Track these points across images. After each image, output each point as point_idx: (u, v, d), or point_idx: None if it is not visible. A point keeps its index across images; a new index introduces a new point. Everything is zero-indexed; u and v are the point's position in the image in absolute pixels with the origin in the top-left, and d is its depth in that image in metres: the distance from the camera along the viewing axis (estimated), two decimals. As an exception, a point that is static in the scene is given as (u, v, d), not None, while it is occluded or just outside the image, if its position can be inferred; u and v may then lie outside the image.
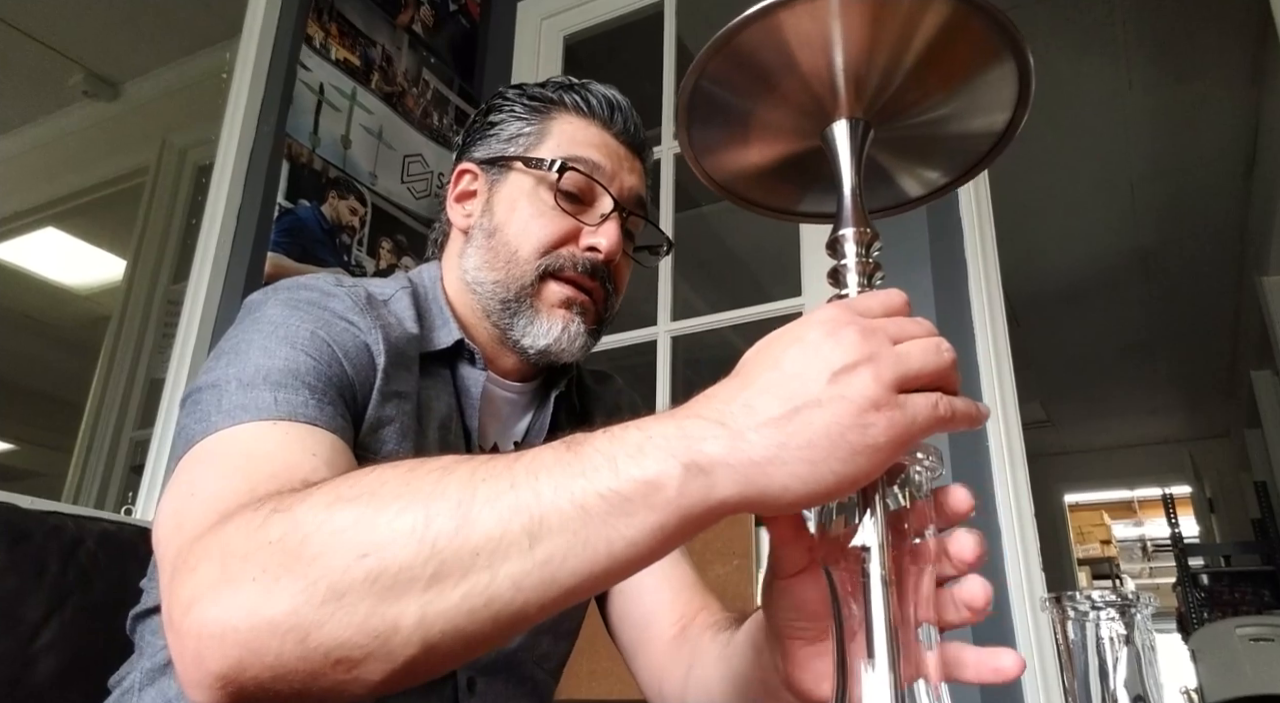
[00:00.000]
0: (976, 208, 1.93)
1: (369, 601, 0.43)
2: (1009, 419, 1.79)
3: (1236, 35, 3.15)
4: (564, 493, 0.43)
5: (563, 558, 0.43)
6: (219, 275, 1.79)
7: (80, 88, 2.81)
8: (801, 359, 0.43)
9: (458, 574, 0.43)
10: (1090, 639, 0.64)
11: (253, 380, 0.64)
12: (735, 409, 0.43)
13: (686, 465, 0.42)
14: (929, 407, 0.43)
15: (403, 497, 0.45)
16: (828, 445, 0.41)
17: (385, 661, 0.44)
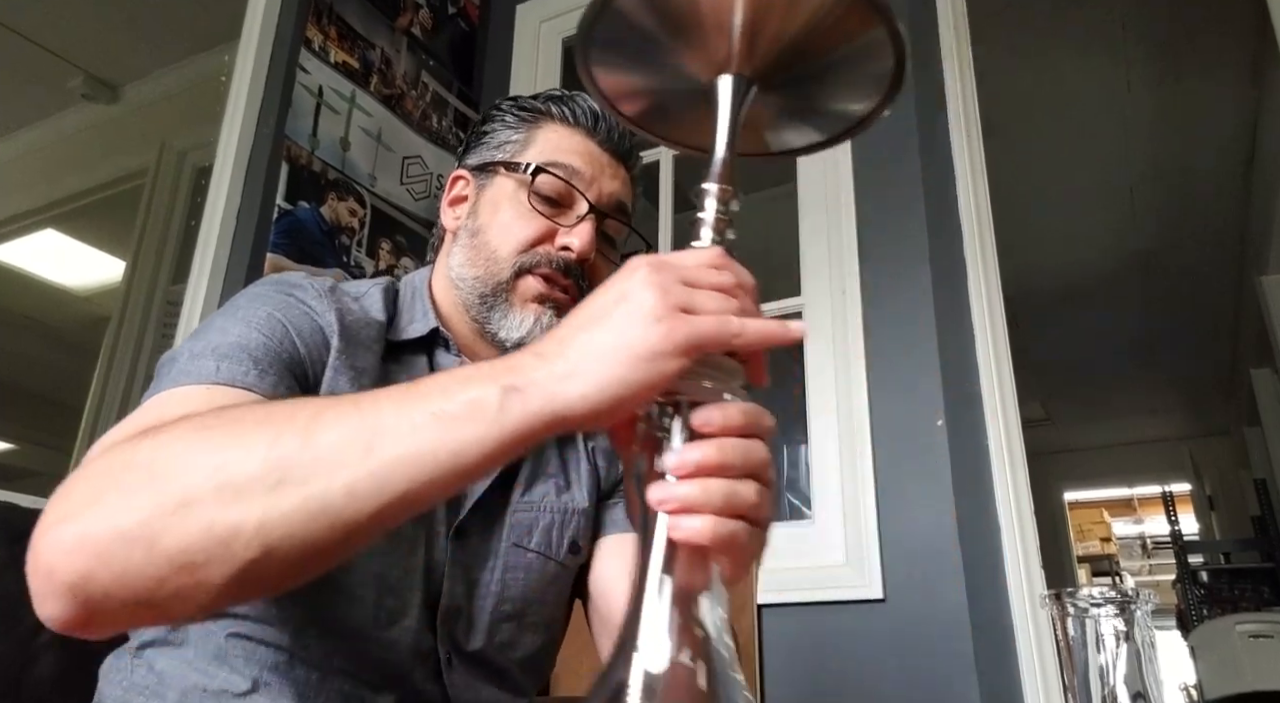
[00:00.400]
0: (976, 207, 1.94)
1: (214, 508, 0.48)
2: (1009, 417, 1.79)
3: (1236, 35, 3.15)
4: (401, 414, 0.49)
5: (393, 467, 0.48)
6: (218, 277, 1.79)
7: (79, 90, 2.80)
8: (603, 293, 0.50)
9: (297, 483, 0.48)
10: (1090, 636, 0.64)
11: (202, 352, 0.70)
12: (548, 342, 0.50)
13: (504, 387, 0.48)
14: (714, 319, 0.48)
15: (260, 423, 0.51)
16: (614, 354, 0.47)
17: (227, 563, 0.48)
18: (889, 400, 1.79)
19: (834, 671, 1.68)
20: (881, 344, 1.83)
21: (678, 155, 2.37)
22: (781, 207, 2.20)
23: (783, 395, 2.53)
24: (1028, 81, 3.39)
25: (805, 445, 1.89)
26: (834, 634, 1.70)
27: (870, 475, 1.75)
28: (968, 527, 1.67)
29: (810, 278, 1.98)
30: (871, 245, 1.91)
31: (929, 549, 1.66)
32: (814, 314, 1.95)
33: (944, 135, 1.99)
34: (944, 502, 1.67)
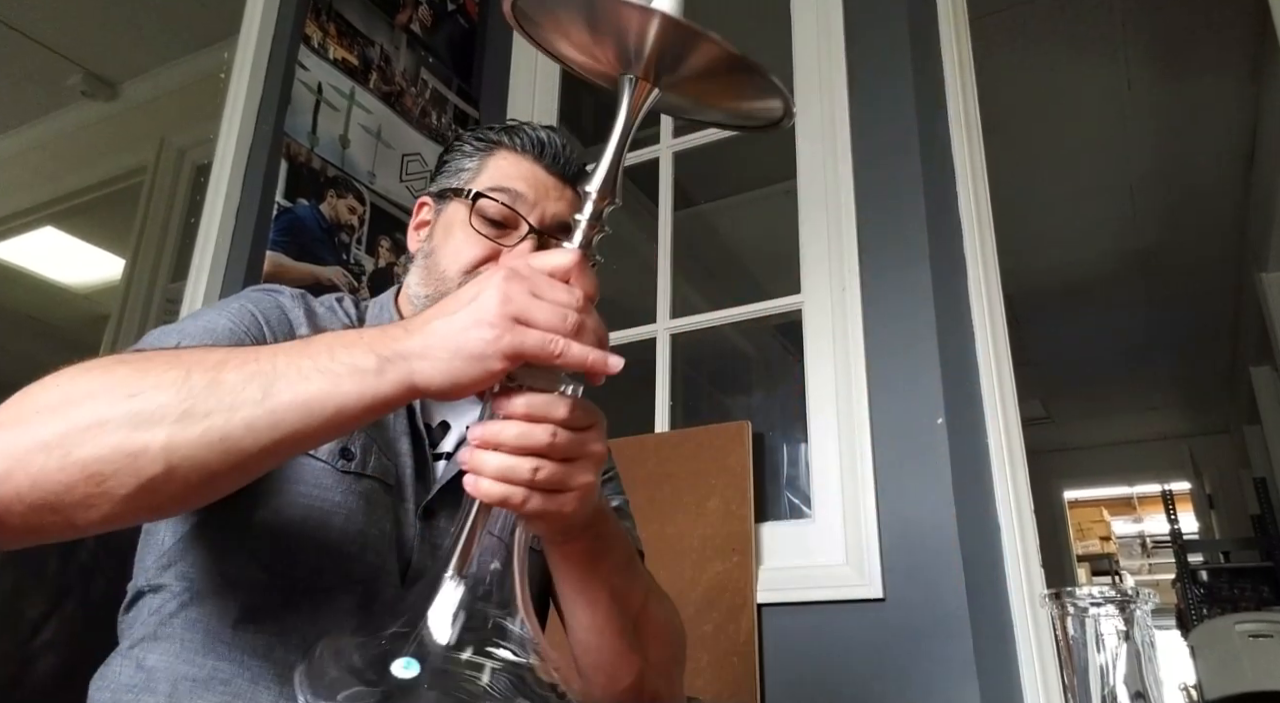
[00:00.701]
0: (976, 206, 1.93)
1: (126, 428, 0.56)
2: (1009, 416, 1.79)
3: (1236, 34, 3.15)
4: (293, 365, 0.59)
5: (287, 409, 0.57)
6: (218, 274, 1.79)
7: (79, 88, 2.80)
8: (467, 289, 0.60)
9: (201, 415, 0.57)
10: (1090, 636, 0.64)
11: (171, 332, 0.79)
12: (417, 321, 0.60)
13: (380, 355, 0.59)
14: (540, 337, 0.58)
15: (173, 362, 0.60)
16: (452, 348, 0.58)
17: (132, 477, 0.56)
18: (889, 400, 1.79)
19: (833, 670, 1.68)
20: (881, 343, 1.83)
21: (677, 153, 2.36)
22: (781, 204, 2.20)
23: (783, 394, 2.53)
24: (1028, 81, 3.39)
25: (805, 445, 1.89)
26: (834, 634, 1.70)
27: (870, 475, 1.75)
28: (967, 526, 1.67)
29: (810, 276, 1.98)
30: (871, 244, 1.91)
31: (929, 548, 1.66)
32: (814, 313, 1.94)
33: (944, 134, 1.99)
34: (944, 501, 1.67)
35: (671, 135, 2.37)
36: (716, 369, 3.07)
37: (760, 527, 1.85)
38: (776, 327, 2.49)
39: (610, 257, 2.97)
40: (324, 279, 1.96)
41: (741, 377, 3.07)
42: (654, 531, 1.90)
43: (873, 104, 2.01)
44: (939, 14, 2.08)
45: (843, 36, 2.09)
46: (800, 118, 2.12)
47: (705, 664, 1.74)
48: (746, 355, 3.00)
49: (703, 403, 3.09)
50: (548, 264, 0.61)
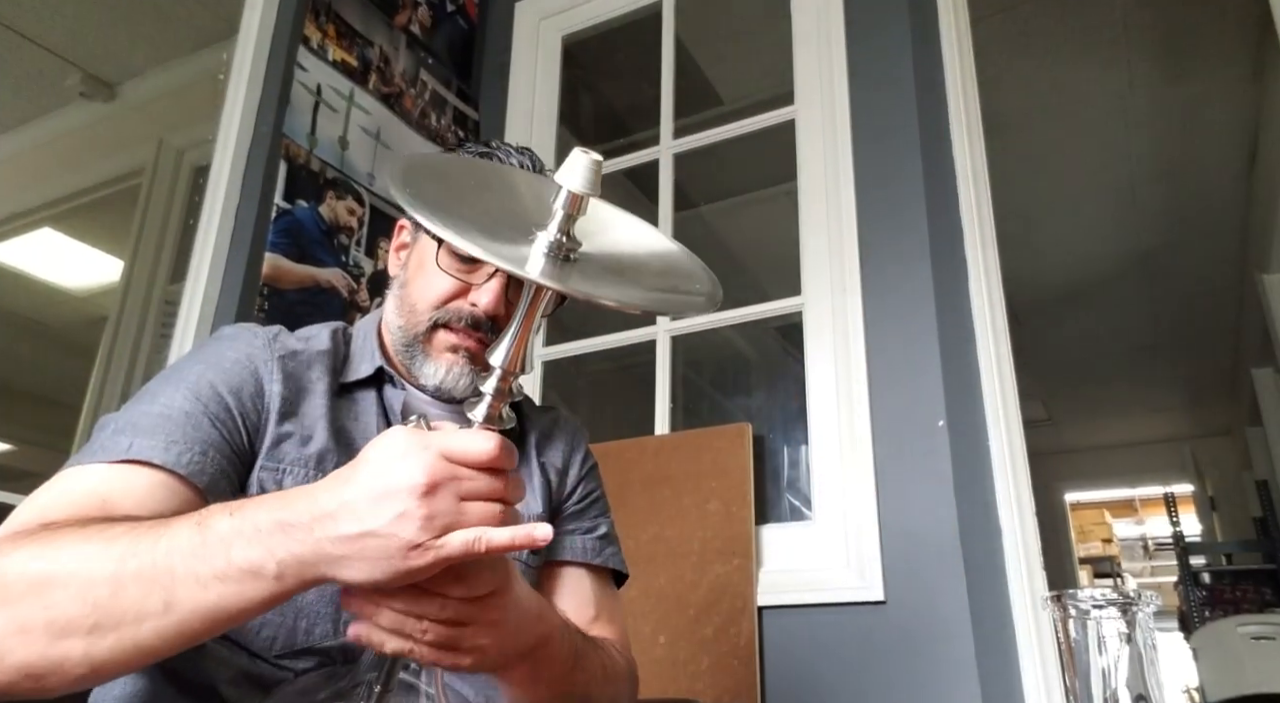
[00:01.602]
0: (977, 207, 1.93)
1: (45, 639, 0.59)
2: (1010, 418, 1.79)
3: (1237, 34, 3.15)
4: (190, 572, 0.60)
5: (189, 617, 0.60)
6: (216, 276, 1.78)
7: (77, 88, 2.80)
8: (386, 493, 0.59)
9: (110, 627, 0.59)
10: (1092, 638, 0.63)
11: (124, 427, 0.77)
12: (326, 521, 0.59)
13: (280, 560, 0.59)
14: (463, 544, 0.59)
15: (78, 562, 0.61)
16: (380, 562, 0.59)
17: (62, 678, 0.59)
18: (890, 401, 1.78)
19: (834, 673, 1.67)
20: (882, 345, 1.82)
21: (678, 155, 2.36)
22: (782, 205, 2.20)
23: (783, 395, 2.52)
24: (1029, 81, 3.38)
25: (806, 447, 1.88)
26: (834, 637, 1.69)
27: (871, 477, 1.74)
28: (969, 528, 1.66)
29: (811, 278, 1.97)
30: (872, 246, 1.90)
31: (930, 551, 1.65)
32: (814, 313, 1.94)
33: (945, 135, 1.98)
34: (945, 503, 1.66)
35: (671, 136, 2.36)
36: (717, 371, 3.06)
37: (761, 529, 1.84)
38: (777, 328, 2.49)
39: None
40: (323, 281, 1.96)
41: (742, 379, 3.06)
42: (654, 533, 1.90)
43: (873, 105, 2.00)
44: (940, 14, 2.08)
45: (843, 37, 2.09)
46: (801, 119, 2.12)
47: (706, 667, 1.73)
48: (747, 357, 3.00)
49: (703, 405, 3.09)
50: (471, 456, 0.61)
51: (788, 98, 2.16)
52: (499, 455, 0.61)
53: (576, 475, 1.05)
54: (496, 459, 0.61)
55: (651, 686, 1.76)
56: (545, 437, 1.05)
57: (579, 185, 0.59)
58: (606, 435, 2.14)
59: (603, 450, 2.06)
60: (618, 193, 2.95)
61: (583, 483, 1.06)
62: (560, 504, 1.03)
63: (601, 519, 1.05)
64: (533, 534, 0.62)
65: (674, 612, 1.80)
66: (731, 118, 2.28)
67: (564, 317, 2.65)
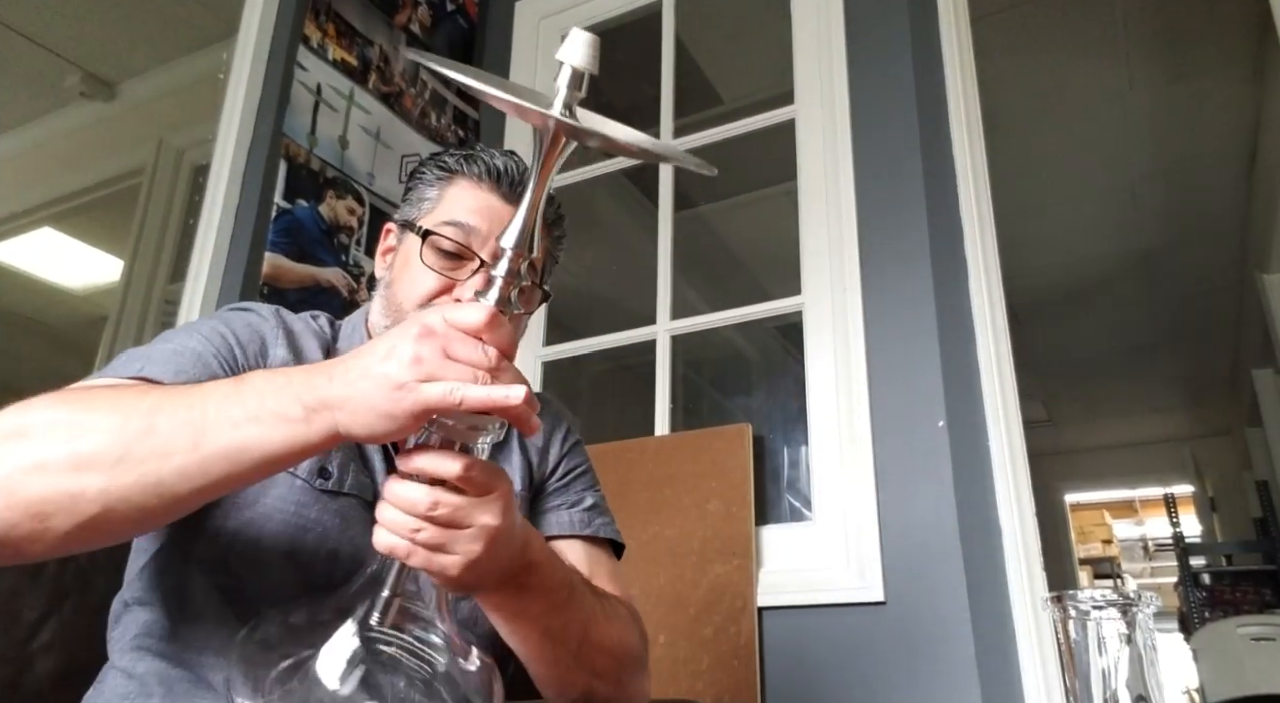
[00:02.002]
0: (977, 207, 1.93)
1: (65, 472, 0.60)
2: (1010, 418, 1.79)
3: (1237, 34, 3.15)
4: (223, 413, 0.62)
5: (217, 456, 0.61)
6: (216, 276, 1.78)
7: (77, 88, 2.80)
8: (385, 342, 0.63)
9: (136, 461, 0.60)
10: (1092, 639, 0.63)
11: (140, 356, 0.80)
12: (340, 367, 0.63)
13: (305, 404, 0.63)
14: (441, 393, 0.61)
15: (111, 404, 0.63)
16: (369, 404, 0.61)
17: (72, 516, 0.60)
18: (890, 401, 1.78)
19: (834, 674, 1.67)
20: (882, 344, 1.82)
21: (678, 154, 2.36)
22: (782, 206, 2.20)
23: (783, 395, 2.52)
24: (1029, 81, 3.38)
25: (806, 447, 1.88)
26: (834, 637, 1.69)
27: (871, 477, 1.74)
28: (969, 528, 1.66)
29: (811, 278, 1.97)
30: (872, 245, 1.90)
31: (930, 551, 1.65)
32: (814, 314, 1.94)
33: (945, 134, 1.98)
34: (945, 503, 1.66)
35: (671, 136, 2.36)
36: (717, 371, 3.06)
37: (761, 529, 1.84)
38: (777, 328, 2.49)
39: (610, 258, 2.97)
40: (323, 281, 1.96)
41: (742, 379, 3.06)
42: (654, 533, 1.90)
43: (873, 104, 2.00)
44: (939, 14, 2.08)
45: (843, 37, 2.09)
46: (801, 119, 2.12)
47: (706, 667, 1.73)
48: (747, 357, 3.00)
49: (703, 405, 3.09)
50: (460, 322, 0.63)
51: (788, 98, 2.16)
52: (486, 323, 0.63)
53: (558, 453, 1.05)
54: (482, 327, 0.63)
55: (651, 686, 1.76)
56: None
57: (580, 61, 0.62)
58: (606, 435, 2.14)
59: (603, 450, 2.06)
60: (618, 192, 2.95)
61: (565, 459, 1.06)
62: (543, 483, 1.03)
63: (588, 492, 1.05)
64: (508, 395, 0.63)
65: (674, 612, 1.80)
66: (731, 117, 2.28)
67: (564, 317, 2.65)
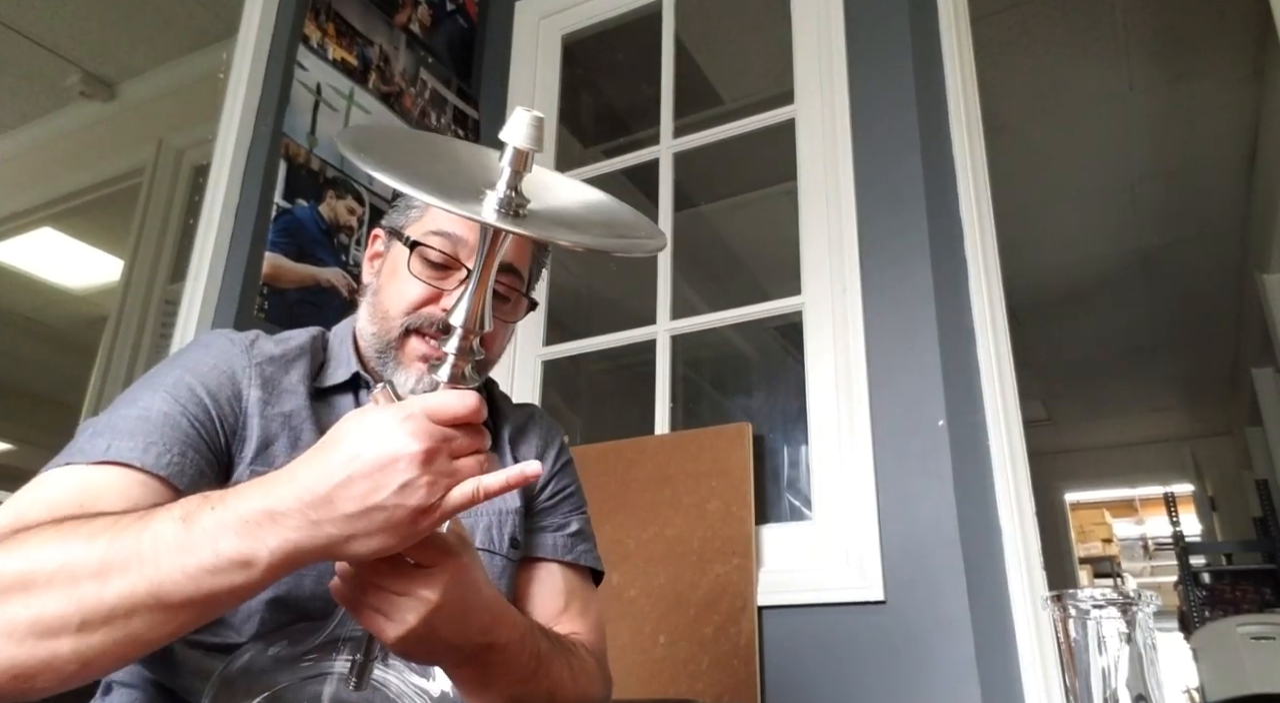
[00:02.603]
0: (977, 207, 1.93)
1: (33, 638, 0.58)
2: (1010, 418, 1.79)
3: (1237, 34, 3.15)
4: (177, 567, 0.59)
5: (179, 609, 0.59)
6: (216, 276, 1.78)
7: (77, 88, 2.80)
8: (385, 466, 0.60)
9: (98, 623, 0.58)
10: (1092, 638, 0.63)
11: (103, 429, 0.77)
12: (321, 506, 0.60)
13: (272, 549, 0.59)
14: (465, 497, 0.62)
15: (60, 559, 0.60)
16: (389, 531, 0.60)
17: (52, 675, 0.59)
18: (890, 401, 1.78)
19: (834, 673, 1.67)
20: (882, 344, 1.82)
21: (677, 154, 2.36)
22: (782, 206, 2.20)
23: (783, 395, 2.52)
24: (1029, 81, 3.38)
25: (806, 447, 1.88)
26: (834, 637, 1.69)
27: (871, 477, 1.74)
28: (969, 528, 1.66)
29: (811, 277, 1.97)
30: (872, 245, 1.90)
31: (930, 551, 1.65)
32: (814, 314, 1.94)
33: (945, 134, 1.98)
34: (945, 503, 1.66)
35: (671, 136, 2.36)
36: (717, 371, 3.06)
37: (761, 529, 1.84)
38: (777, 328, 2.49)
39: (610, 258, 2.97)
40: (323, 280, 1.95)
41: (742, 378, 3.06)
42: (654, 533, 1.90)
43: (873, 104, 2.00)
44: (940, 14, 2.08)
45: (843, 37, 2.09)
46: (801, 119, 2.12)
47: (705, 667, 1.73)
48: (747, 357, 3.00)
49: (703, 405, 3.09)
50: (454, 413, 0.62)
51: (787, 97, 2.16)
52: (476, 410, 0.63)
53: (548, 472, 1.06)
54: (475, 414, 0.63)
55: (651, 685, 1.76)
56: (519, 432, 1.07)
57: (523, 141, 0.62)
58: (606, 435, 2.13)
59: (603, 450, 2.06)
60: (618, 192, 2.94)
61: (554, 479, 1.06)
62: (531, 501, 1.04)
63: (574, 516, 1.06)
64: (524, 472, 0.64)
65: (674, 611, 1.80)
66: (731, 117, 2.28)
67: (564, 317, 2.65)
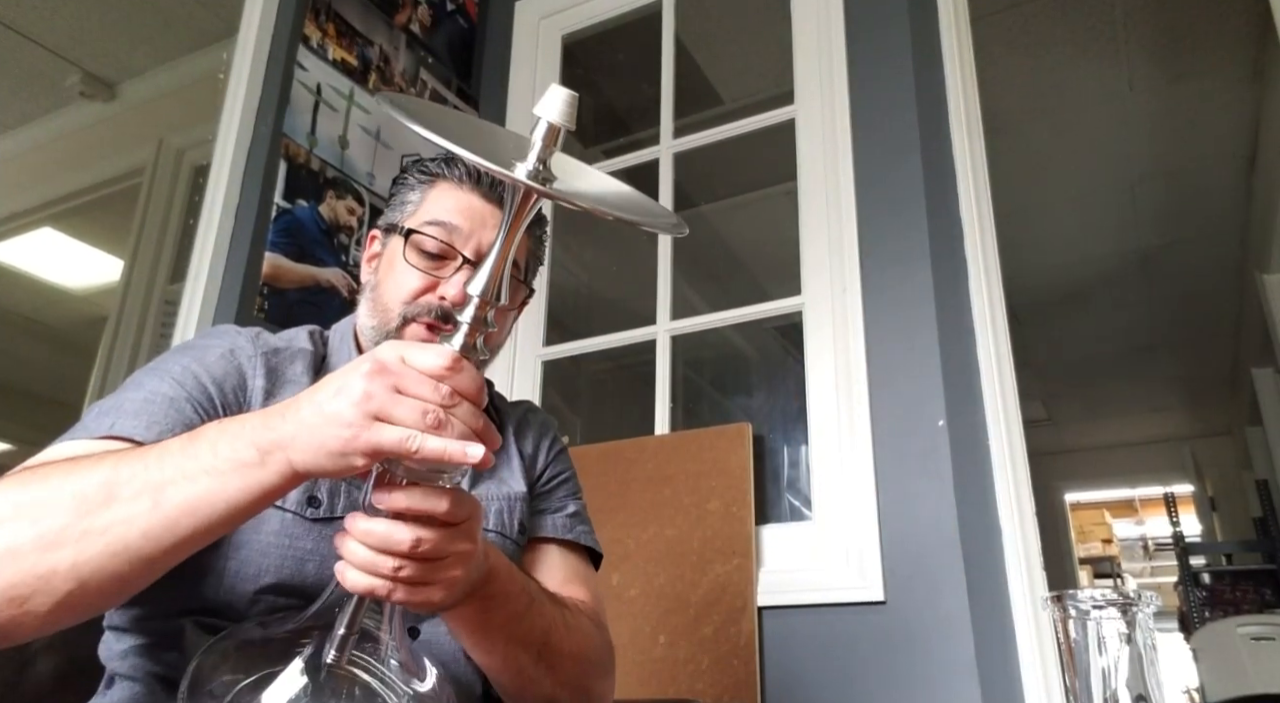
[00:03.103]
0: (977, 207, 1.93)
1: (34, 554, 0.60)
2: (1010, 418, 1.79)
3: (1237, 34, 3.15)
4: (179, 469, 0.62)
5: (179, 514, 0.61)
6: (216, 276, 1.78)
7: (77, 88, 2.80)
8: (338, 377, 0.62)
9: (100, 530, 0.60)
10: (1092, 639, 0.63)
11: (109, 409, 0.79)
12: (292, 406, 0.63)
13: (260, 447, 0.62)
14: (396, 440, 0.60)
15: (67, 479, 0.62)
16: (318, 442, 0.61)
17: (48, 595, 0.60)
18: (890, 401, 1.78)
19: (834, 674, 1.67)
20: (882, 344, 1.82)
21: (678, 154, 2.36)
22: (782, 206, 2.20)
23: (783, 395, 2.52)
24: (1029, 81, 3.38)
25: (806, 447, 1.88)
26: (834, 637, 1.69)
27: (871, 477, 1.74)
28: (969, 528, 1.66)
29: (811, 278, 1.97)
30: (872, 245, 1.90)
31: (930, 551, 1.65)
32: (814, 314, 1.94)
33: (945, 134, 1.98)
34: (945, 503, 1.66)
35: (671, 136, 2.36)
36: (717, 371, 3.06)
37: (761, 529, 1.84)
38: (777, 328, 2.49)
39: (610, 258, 2.97)
40: (323, 280, 1.96)
41: (742, 378, 3.06)
42: (654, 533, 1.90)
43: (873, 104, 2.00)
44: (939, 14, 2.08)
45: (843, 37, 2.09)
46: (801, 119, 2.12)
47: (706, 667, 1.73)
48: (747, 357, 3.00)
49: (703, 405, 3.09)
50: (418, 363, 0.62)
51: (788, 97, 2.16)
52: (444, 366, 0.62)
53: (545, 460, 1.10)
54: (440, 370, 0.62)
55: (651, 685, 1.76)
56: (520, 425, 1.11)
57: (556, 117, 0.63)
58: (606, 435, 2.14)
59: (603, 450, 2.06)
60: (618, 193, 2.94)
61: (550, 466, 1.10)
62: (531, 486, 1.07)
63: (570, 500, 1.09)
64: (466, 453, 0.61)
65: (674, 611, 1.80)
66: (731, 117, 2.28)
67: (564, 317, 2.65)
